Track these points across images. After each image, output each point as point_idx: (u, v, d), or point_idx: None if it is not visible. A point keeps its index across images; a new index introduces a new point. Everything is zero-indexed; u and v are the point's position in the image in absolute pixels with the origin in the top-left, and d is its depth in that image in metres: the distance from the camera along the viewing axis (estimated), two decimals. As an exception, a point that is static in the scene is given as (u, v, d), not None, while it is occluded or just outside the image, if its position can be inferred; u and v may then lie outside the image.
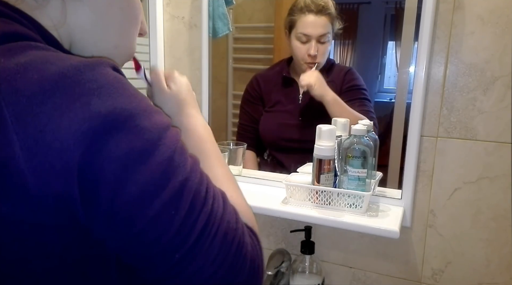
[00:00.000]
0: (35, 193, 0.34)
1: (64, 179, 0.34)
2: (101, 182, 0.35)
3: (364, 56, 1.10)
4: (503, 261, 0.91)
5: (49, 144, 0.33)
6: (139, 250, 0.39)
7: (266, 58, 1.20)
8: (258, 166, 1.19)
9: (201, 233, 0.39)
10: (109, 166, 0.35)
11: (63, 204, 0.35)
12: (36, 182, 0.34)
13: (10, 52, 0.36)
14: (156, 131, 0.38)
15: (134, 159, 0.36)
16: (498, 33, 0.83)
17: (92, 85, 0.35)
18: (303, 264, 1.00)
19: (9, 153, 0.33)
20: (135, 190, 0.36)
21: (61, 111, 0.34)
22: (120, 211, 0.36)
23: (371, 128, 0.94)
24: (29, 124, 0.33)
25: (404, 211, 0.93)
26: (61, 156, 0.34)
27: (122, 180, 0.36)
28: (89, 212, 0.36)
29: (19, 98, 0.34)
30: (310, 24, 1.05)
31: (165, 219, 0.37)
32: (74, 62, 0.36)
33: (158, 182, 0.37)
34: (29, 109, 0.33)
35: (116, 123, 0.35)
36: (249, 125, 1.19)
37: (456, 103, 0.89)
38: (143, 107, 0.38)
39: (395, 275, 1.02)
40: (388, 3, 1.07)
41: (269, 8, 1.16)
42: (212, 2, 1.09)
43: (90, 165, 0.34)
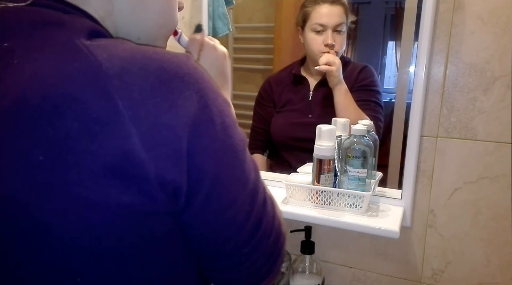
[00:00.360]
0: (155, 180, 0.36)
1: (178, 167, 0.37)
2: (204, 170, 0.38)
3: (364, 56, 1.10)
4: (503, 261, 0.91)
5: (163, 135, 0.36)
6: (218, 239, 0.42)
7: (266, 58, 1.20)
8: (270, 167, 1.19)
9: (264, 230, 0.44)
10: (209, 157, 0.39)
11: (174, 190, 0.38)
12: (155, 171, 0.36)
13: (106, 47, 0.37)
14: (235, 127, 0.42)
15: (226, 153, 0.40)
16: (498, 33, 0.83)
17: (190, 80, 0.38)
18: (303, 264, 1.00)
19: (130, 145, 0.35)
20: (227, 184, 0.40)
21: (168, 104, 0.36)
22: (213, 201, 0.40)
23: (371, 128, 0.94)
24: (144, 116, 0.35)
25: (404, 211, 0.93)
26: (175, 146, 0.36)
27: (219, 172, 0.39)
28: (188, 199, 0.39)
29: (131, 92, 0.35)
30: (326, 13, 1.04)
31: (243, 214, 0.42)
32: (169, 57, 0.39)
33: (242, 178, 0.42)
34: (141, 103, 0.35)
35: (210, 118, 0.39)
36: (261, 127, 1.18)
37: (456, 103, 0.89)
38: (225, 102, 0.42)
39: (395, 275, 1.02)
40: (388, 3, 1.07)
41: (269, 8, 1.16)
42: (212, 2, 1.09)
43: (194, 154, 0.37)
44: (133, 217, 0.37)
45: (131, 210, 0.36)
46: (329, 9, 1.04)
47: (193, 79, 0.38)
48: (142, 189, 0.36)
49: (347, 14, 1.04)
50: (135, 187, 0.36)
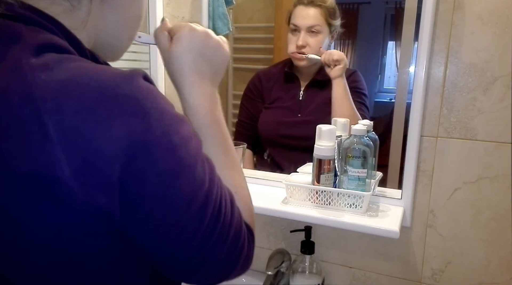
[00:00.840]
0: (82, 205, 0.36)
1: (108, 193, 0.36)
2: (140, 196, 0.38)
3: (364, 56, 1.10)
4: (503, 261, 0.91)
5: (93, 161, 0.35)
6: (166, 253, 0.42)
7: (266, 58, 1.20)
8: (255, 165, 1.19)
9: (216, 239, 0.43)
10: (146, 181, 0.37)
11: (105, 214, 0.37)
12: (84, 196, 0.36)
13: (48, 67, 0.37)
14: (184, 145, 0.40)
15: (169, 176, 0.39)
16: (498, 33, 0.83)
17: (129, 101, 0.37)
18: (303, 264, 1.00)
19: (58, 170, 0.35)
20: (169, 205, 0.39)
21: (102, 129, 0.35)
22: (154, 222, 0.39)
23: (371, 128, 0.94)
24: (75, 141, 0.35)
25: (404, 211, 0.93)
26: (104, 172, 0.36)
27: (158, 195, 0.38)
28: (127, 220, 0.39)
29: (63, 116, 0.35)
30: (299, 15, 1.05)
31: (191, 230, 0.41)
32: (111, 77, 0.38)
33: (187, 197, 0.40)
34: (73, 127, 0.35)
35: (151, 140, 0.37)
36: (248, 122, 1.18)
37: (456, 103, 0.89)
38: (173, 120, 0.40)
39: (395, 275, 1.02)
40: (388, 3, 1.07)
41: (269, 8, 1.16)
42: (212, 2, 1.09)
43: (129, 180, 0.37)
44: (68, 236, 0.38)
45: (64, 230, 0.38)
46: (303, 10, 1.05)
47: (133, 101, 0.37)
48: (71, 212, 0.37)
49: (327, 17, 1.04)
50: (64, 211, 0.37)
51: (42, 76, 0.36)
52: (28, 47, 0.38)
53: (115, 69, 0.40)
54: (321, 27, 1.04)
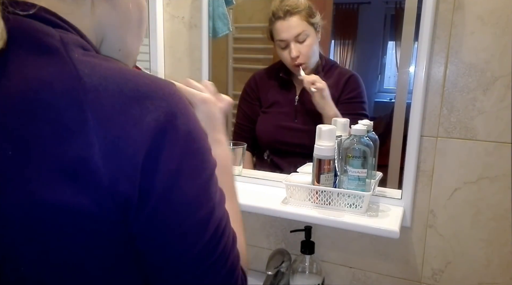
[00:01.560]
0: (107, 189, 0.38)
1: (131, 179, 0.38)
2: (152, 188, 0.39)
3: (364, 56, 1.10)
4: (503, 261, 0.91)
5: (123, 149, 0.38)
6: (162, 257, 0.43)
7: (266, 58, 1.20)
8: (254, 166, 1.19)
9: (215, 261, 0.44)
10: (160, 175, 0.39)
11: (125, 202, 0.39)
12: (110, 180, 0.38)
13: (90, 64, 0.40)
14: (203, 155, 0.43)
15: (182, 176, 0.41)
16: (498, 33, 0.83)
17: (161, 103, 0.40)
18: (303, 264, 1.00)
19: (89, 152, 0.37)
20: (175, 205, 0.41)
21: (135, 121, 0.38)
22: (158, 219, 0.41)
23: (371, 129, 0.94)
24: (108, 129, 0.38)
25: (404, 211, 0.93)
26: (131, 160, 0.38)
27: (167, 191, 0.40)
28: (137, 211, 0.40)
29: (102, 107, 0.38)
30: (282, 29, 1.05)
31: (194, 236, 0.42)
32: (147, 81, 0.41)
33: (193, 203, 0.42)
34: (109, 117, 0.38)
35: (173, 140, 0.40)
36: (246, 124, 1.18)
37: (456, 103, 0.89)
38: (200, 130, 0.43)
39: (395, 275, 1.02)
40: (388, 3, 1.07)
41: (269, 8, 1.16)
42: (212, 2, 1.09)
43: (147, 171, 0.39)
44: (81, 219, 0.39)
45: (80, 213, 0.39)
46: (283, 24, 1.05)
47: (165, 103, 0.40)
48: (94, 195, 0.38)
49: (308, 19, 1.04)
50: (88, 193, 0.38)
51: (86, 70, 0.39)
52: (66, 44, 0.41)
53: (151, 75, 0.43)
54: (306, 31, 1.04)
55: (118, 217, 0.40)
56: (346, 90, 1.05)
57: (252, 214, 0.84)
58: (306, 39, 1.04)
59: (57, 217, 0.39)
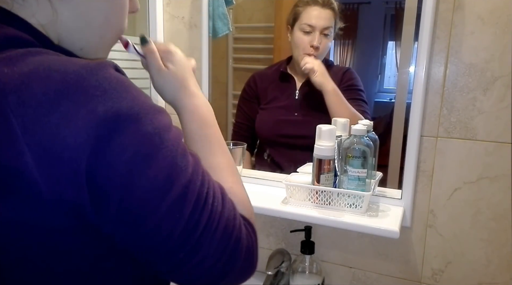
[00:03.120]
0: (49, 199, 0.35)
1: (75, 185, 0.35)
2: (109, 186, 0.36)
3: (364, 56, 1.10)
4: (503, 261, 0.91)
5: (58, 153, 0.34)
6: (146, 248, 0.40)
7: (266, 58, 1.20)
8: (253, 166, 1.19)
9: (203, 231, 0.41)
10: (115, 170, 0.36)
11: (74, 208, 0.36)
12: (49, 189, 0.35)
13: (11, 61, 0.36)
14: (159, 135, 0.39)
15: (139, 163, 0.37)
16: (498, 33, 0.83)
17: (95, 92, 0.36)
18: (303, 264, 1.00)
19: (21, 163, 0.34)
20: (141, 194, 0.37)
21: (67, 120, 0.34)
22: (128, 214, 0.38)
23: (371, 129, 0.94)
24: (38, 134, 0.34)
25: (404, 211, 0.93)
26: (70, 164, 0.35)
27: (128, 184, 0.37)
28: (99, 213, 0.37)
29: (26, 109, 0.34)
30: (316, 15, 1.05)
31: (170, 221, 0.39)
32: (76, 68, 0.36)
33: (162, 186, 0.38)
34: (36, 120, 0.34)
35: (120, 129, 0.36)
36: (244, 123, 1.19)
37: (456, 103, 0.89)
38: (146, 110, 0.39)
39: (395, 275, 1.02)
40: (388, 3, 1.07)
41: (269, 8, 1.16)
42: (212, 2, 1.09)
43: (96, 171, 0.35)
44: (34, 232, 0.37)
45: (28, 225, 0.37)
46: (319, 11, 1.05)
47: (100, 90, 0.36)
48: (37, 207, 0.36)
49: (336, 19, 1.05)
50: (29, 205, 0.36)
51: (5, 69, 0.35)
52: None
53: (82, 61, 0.38)
54: (332, 29, 1.05)
55: (72, 223, 0.37)
56: (344, 79, 1.06)
57: (252, 214, 0.84)
58: (328, 36, 1.06)
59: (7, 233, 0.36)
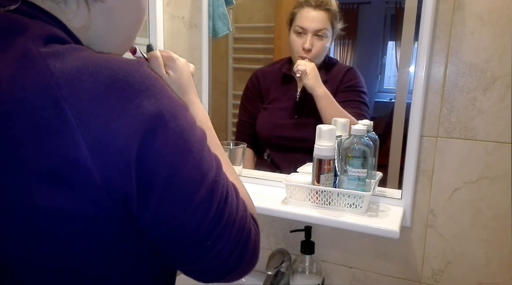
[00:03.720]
0: (102, 188, 0.38)
1: (126, 175, 0.38)
2: (154, 177, 0.39)
3: (364, 56, 1.10)
4: (503, 261, 0.91)
5: (111, 144, 0.37)
6: (176, 238, 0.43)
7: (266, 58, 1.20)
8: (255, 165, 1.19)
9: (225, 223, 0.45)
10: (159, 162, 0.39)
11: (122, 197, 0.39)
12: (102, 178, 0.37)
13: (60, 56, 0.38)
14: (191, 130, 0.43)
15: (179, 157, 0.41)
16: (498, 33, 0.83)
17: (140, 87, 0.39)
18: (303, 264, 1.00)
19: (77, 153, 0.36)
20: (181, 185, 0.41)
21: (117, 113, 0.37)
22: (167, 204, 0.40)
23: (371, 129, 0.94)
24: (92, 125, 0.37)
25: (404, 211, 0.93)
26: (122, 154, 0.37)
27: (170, 176, 0.40)
28: (141, 204, 0.40)
29: (80, 101, 0.37)
30: (307, 17, 1.05)
31: (202, 211, 0.42)
32: (120, 64, 0.40)
33: (197, 178, 0.42)
34: (90, 112, 0.37)
35: (163, 123, 0.39)
36: (247, 122, 1.18)
37: (456, 103, 0.89)
38: (180, 107, 0.42)
39: (395, 275, 1.02)
40: (388, 3, 1.07)
41: (269, 8, 1.16)
42: (212, 2, 1.09)
43: (143, 162, 0.38)
44: (80, 221, 0.39)
45: (77, 215, 0.38)
46: (311, 13, 1.04)
47: (144, 86, 0.39)
48: (89, 195, 0.38)
49: (333, 21, 1.04)
50: (81, 194, 0.37)
51: (57, 64, 0.37)
52: (35, 37, 0.39)
53: (121, 57, 0.41)
54: (327, 31, 1.04)
55: (118, 212, 0.40)
56: (345, 80, 1.06)
57: (252, 214, 0.84)
58: (323, 38, 1.05)
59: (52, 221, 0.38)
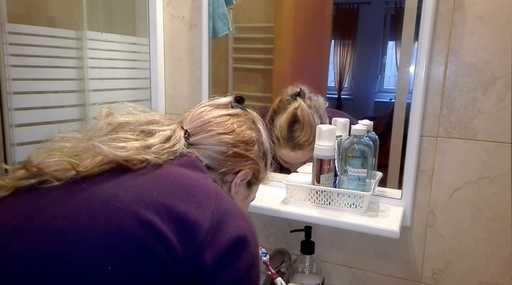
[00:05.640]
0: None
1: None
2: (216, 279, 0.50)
3: (364, 56, 1.09)
4: (503, 261, 0.91)
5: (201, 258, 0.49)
6: None
7: (266, 58, 1.20)
8: None
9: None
10: (228, 277, 0.50)
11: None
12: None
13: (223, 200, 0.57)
14: (256, 255, 0.55)
15: (244, 277, 0.52)
16: (498, 33, 0.83)
17: (228, 219, 0.53)
18: (303, 264, 1.00)
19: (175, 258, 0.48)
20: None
21: (210, 247, 0.50)
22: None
23: (371, 129, 0.94)
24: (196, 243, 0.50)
25: (404, 211, 0.93)
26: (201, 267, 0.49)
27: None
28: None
29: (198, 228, 0.50)
30: (289, 158, 1.05)
31: None
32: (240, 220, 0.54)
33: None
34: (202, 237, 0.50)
35: (241, 247, 0.52)
36: None
37: (456, 103, 0.89)
38: (251, 232, 0.54)
39: (395, 275, 1.02)
40: (388, 3, 1.07)
41: (269, 8, 1.16)
42: (212, 2, 1.09)
43: (215, 277, 0.50)
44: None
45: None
46: (291, 154, 1.04)
47: (230, 215, 0.54)
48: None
49: (312, 143, 0.93)
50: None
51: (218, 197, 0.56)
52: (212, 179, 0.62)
53: (219, 190, 0.58)
54: (311, 152, 0.92)
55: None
56: None
57: (252, 214, 0.84)
58: (310, 150, 0.94)
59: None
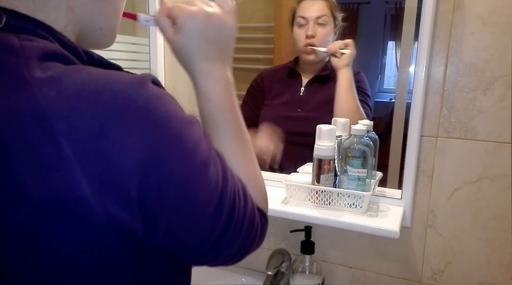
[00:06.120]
0: (105, 223, 0.37)
1: (129, 209, 0.37)
2: (161, 206, 0.38)
3: (364, 56, 1.09)
4: (503, 261, 0.91)
5: (112, 178, 0.36)
6: (187, 249, 0.44)
7: (266, 58, 1.20)
8: None
9: (233, 230, 0.45)
10: (165, 191, 0.38)
11: (129, 230, 0.38)
12: (105, 214, 0.36)
13: (54, 81, 0.36)
14: (198, 152, 0.41)
15: (186, 183, 0.39)
16: (498, 33, 0.83)
17: (141, 114, 0.37)
18: (303, 264, 1.00)
19: (79, 190, 0.35)
20: (188, 210, 0.40)
21: (118, 146, 0.35)
22: (175, 228, 0.41)
23: (371, 128, 0.94)
24: (92, 160, 0.35)
25: (404, 211, 0.93)
26: (124, 188, 0.36)
27: (177, 203, 0.39)
28: (149, 231, 0.39)
29: (77, 135, 0.35)
30: (307, 7, 1.07)
31: (209, 227, 0.42)
32: (121, 87, 0.37)
33: (205, 200, 0.41)
34: (89, 146, 0.35)
35: (166, 151, 0.38)
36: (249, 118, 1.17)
37: (456, 103, 0.89)
38: (184, 125, 0.40)
39: (395, 275, 1.02)
40: (388, 3, 1.07)
41: (269, 8, 1.16)
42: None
43: (148, 193, 0.37)
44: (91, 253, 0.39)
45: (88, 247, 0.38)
46: (310, 2, 1.08)
47: (145, 112, 0.37)
48: (95, 230, 0.37)
49: (332, 9, 1.06)
50: (88, 229, 0.37)
51: (52, 93, 0.35)
52: (27, 59, 0.37)
53: (123, 76, 0.39)
54: (328, 18, 1.06)
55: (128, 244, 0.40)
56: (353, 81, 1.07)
57: (252, 214, 0.84)
58: (325, 26, 1.06)
59: (62, 256, 0.38)
